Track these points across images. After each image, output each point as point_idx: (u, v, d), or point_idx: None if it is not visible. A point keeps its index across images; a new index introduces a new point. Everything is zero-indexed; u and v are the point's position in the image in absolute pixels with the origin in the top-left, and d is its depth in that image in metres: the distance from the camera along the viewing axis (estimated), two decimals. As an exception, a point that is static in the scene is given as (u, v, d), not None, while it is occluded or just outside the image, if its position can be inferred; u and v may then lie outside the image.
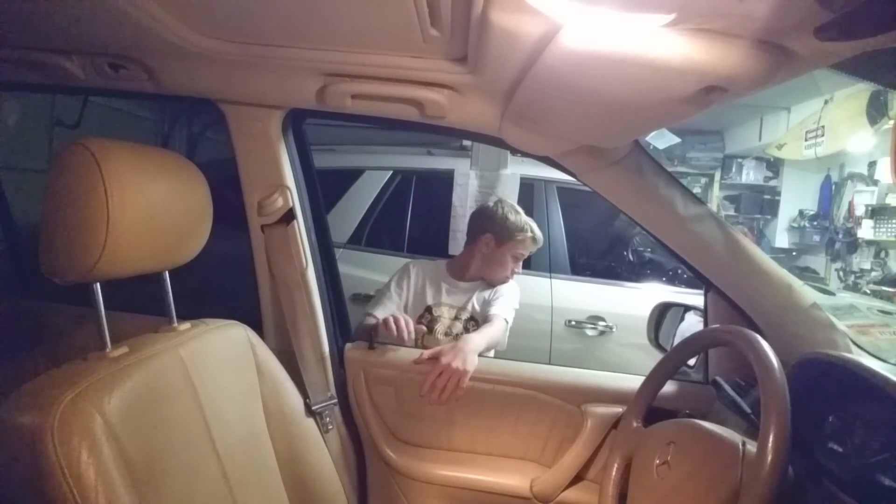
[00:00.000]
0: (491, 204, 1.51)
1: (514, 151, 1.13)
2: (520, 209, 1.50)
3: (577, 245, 2.31)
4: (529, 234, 1.46)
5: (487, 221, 1.47)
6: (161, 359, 0.72)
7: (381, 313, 1.36)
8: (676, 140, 4.24)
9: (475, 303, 1.45)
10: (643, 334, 1.38)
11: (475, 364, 1.15)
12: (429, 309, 1.45)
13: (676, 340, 1.30)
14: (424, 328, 1.41)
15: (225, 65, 0.91)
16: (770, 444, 0.62)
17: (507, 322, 1.39)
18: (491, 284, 1.47)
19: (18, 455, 0.55)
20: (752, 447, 0.69)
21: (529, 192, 2.25)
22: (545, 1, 0.51)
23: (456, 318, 1.45)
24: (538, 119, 0.88)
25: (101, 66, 0.94)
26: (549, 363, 1.74)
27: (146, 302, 0.99)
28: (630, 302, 2.14)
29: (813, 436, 0.78)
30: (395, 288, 1.45)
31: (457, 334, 1.42)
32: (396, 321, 1.20)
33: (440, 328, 1.43)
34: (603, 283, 2.28)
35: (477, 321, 1.43)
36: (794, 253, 5.14)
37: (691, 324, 1.30)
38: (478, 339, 1.22)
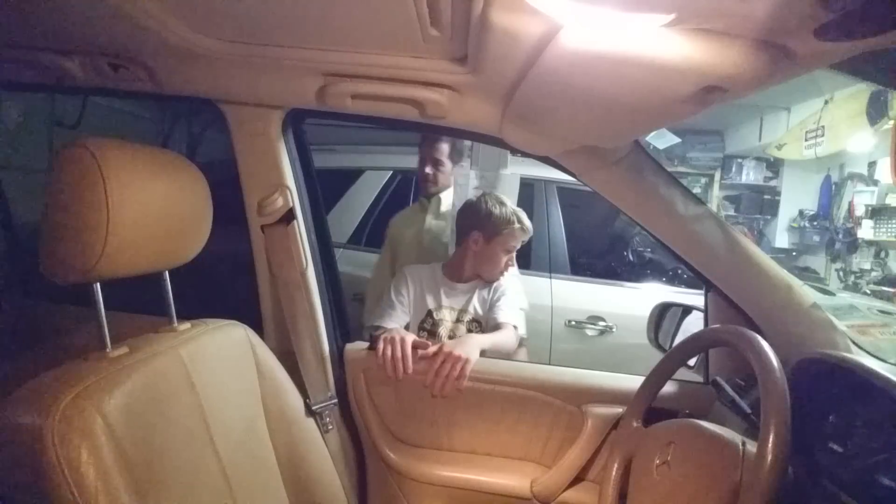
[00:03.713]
0: (474, 199, 1.46)
1: (514, 151, 1.12)
2: (505, 200, 1.44)
3: (577, 245, 2.31)
4: (517, 225, 1.41)
5: (472, 219, 1.43)
6: (161, 359, 0.72)
7: (391, 323, 1.34)
8: (676, 140, 4.24)
9: (476, 303, 1.43)
10: (643, 334, 1.38)
11: (477, 356, 1.15)
12: (430, 313, 1.43)
13: (678, 340, 1.30)
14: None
15: (225, 65, 0.91)
16: (770, 444, 0.62)
17: (515, 329, 1.36)
18: (489, 282, 1.45)
19: (19, 455, 0.55)
20: (752, 447, 0.69)
21: (529, 192, 2.24)
22: (545, 1, 0.51)
23: (458, 320, 1.43)
24: (538, 119, 0.88)
25: (101, 66, 0.94)
26: (549, 363, 1.74)
27: (147, 302, 0.99)
28: (630, 302, 2.14)
29: (813, 436, 0.78)
30: (395, 296, 1.41)
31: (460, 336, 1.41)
32: (393, 345, 1.14)
33: (443, 331, 1.41)
34: (603, 283, 2.28)
35: (479, 322, 1.42)
36: (794, 253, 5.12)
37: (692, 323, 1.30)
38: (482, 337, 1.22)
